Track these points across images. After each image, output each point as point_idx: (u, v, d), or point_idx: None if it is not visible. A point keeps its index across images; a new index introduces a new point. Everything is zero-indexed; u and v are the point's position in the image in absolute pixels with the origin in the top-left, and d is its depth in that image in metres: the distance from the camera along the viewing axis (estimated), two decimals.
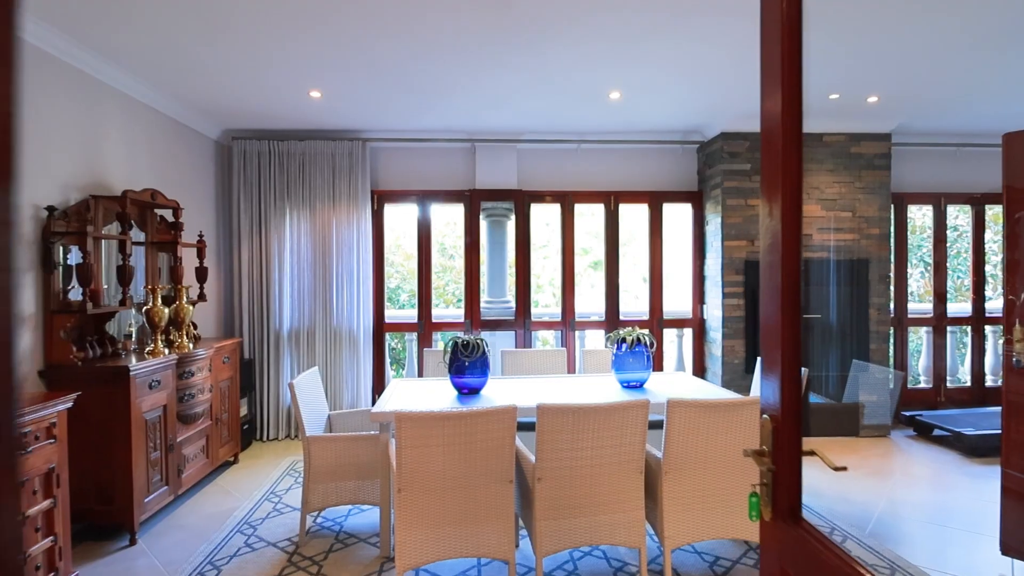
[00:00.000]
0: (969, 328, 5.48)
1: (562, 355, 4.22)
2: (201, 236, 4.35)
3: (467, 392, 3.20)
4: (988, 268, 5.55)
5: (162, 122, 4.22)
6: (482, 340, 3.19)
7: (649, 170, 5.37)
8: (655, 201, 5.27)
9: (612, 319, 5.26)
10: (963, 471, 4.04)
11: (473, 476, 2.34)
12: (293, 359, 4.98)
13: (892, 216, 5.05)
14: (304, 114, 4.53)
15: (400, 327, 5.31)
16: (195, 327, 4.26)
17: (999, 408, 5.14)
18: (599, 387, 3.38)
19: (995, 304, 5.55)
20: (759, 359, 3.72)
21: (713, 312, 5.03)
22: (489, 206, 5.21)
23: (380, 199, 5.14)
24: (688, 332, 5.38)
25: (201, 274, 4.34)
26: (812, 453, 1.07)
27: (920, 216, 6.87)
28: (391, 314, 5.57)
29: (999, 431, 4.41)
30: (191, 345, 3.80)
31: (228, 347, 4.20)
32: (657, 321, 5.28)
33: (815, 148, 4.87)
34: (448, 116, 4.63)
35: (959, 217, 6.32)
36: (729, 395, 3.12)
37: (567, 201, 5.23)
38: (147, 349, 3.49)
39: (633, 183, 5.34)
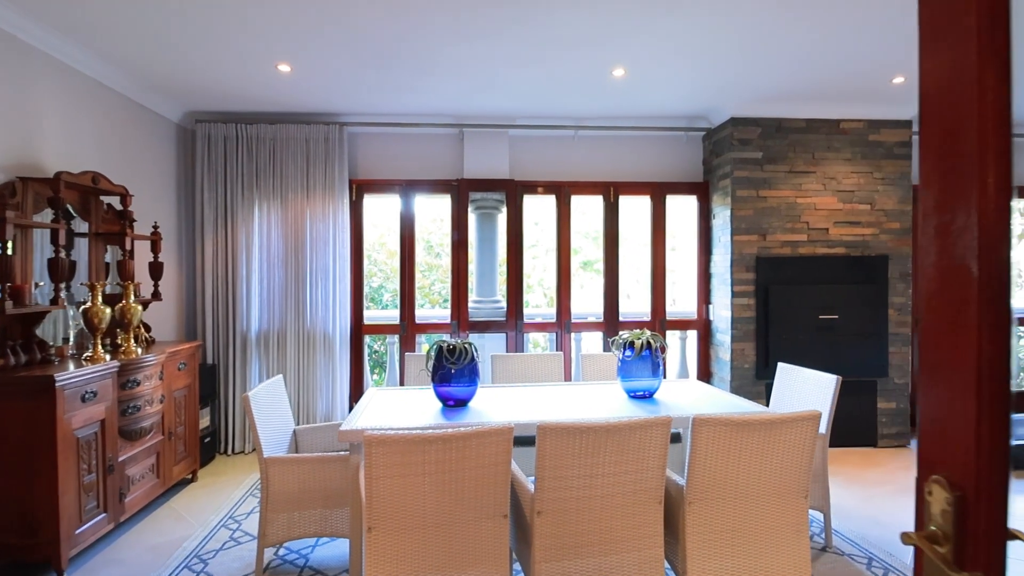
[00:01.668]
0: None
1: (558, 360, 3.81)
2: (156, 228, 3.89)
3: (453, 404, 2.78)
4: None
5: (112, 99, 3.75)
6: (471, 344, 2.77)
7: (651, 159, 4.98)
8: (658, 193, 4.89)
9: (611, 320, 4.86)
10: None
11: (460, 511, 1.92)
12: (262, 364, 4.52)
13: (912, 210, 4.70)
14: (274, 93, 4.09)
15: (381, 329, 4.88)
16: (147, 329, 3.80)
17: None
18: (603, 397, 2.98)
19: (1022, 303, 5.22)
20: (780, 366, 3.33)
21: (721, 313, 4.65)
22: (478, 197, 4.79)
23: (359, 189, 4.70)
24: (692, 334, 5.00)
25: (155, 270, 3.88)
26: (1016, 537, 0.67)
27: None
28: (371, 315, 5.14)
29: None
30: (139, 350, 3.34)
31: (185, 351, 3.74)
32: (659, 322, 4.89)
33: (831, 136, 4.51)
34: (433, 97, 4.20)
35: None
36: (752, 407, 2.73)
37: (563, 192, 4.82)
38: (85, 355, 3.03)
39: (634, 173, 4.95)
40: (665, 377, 3.17)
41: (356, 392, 4.72)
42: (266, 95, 4.12)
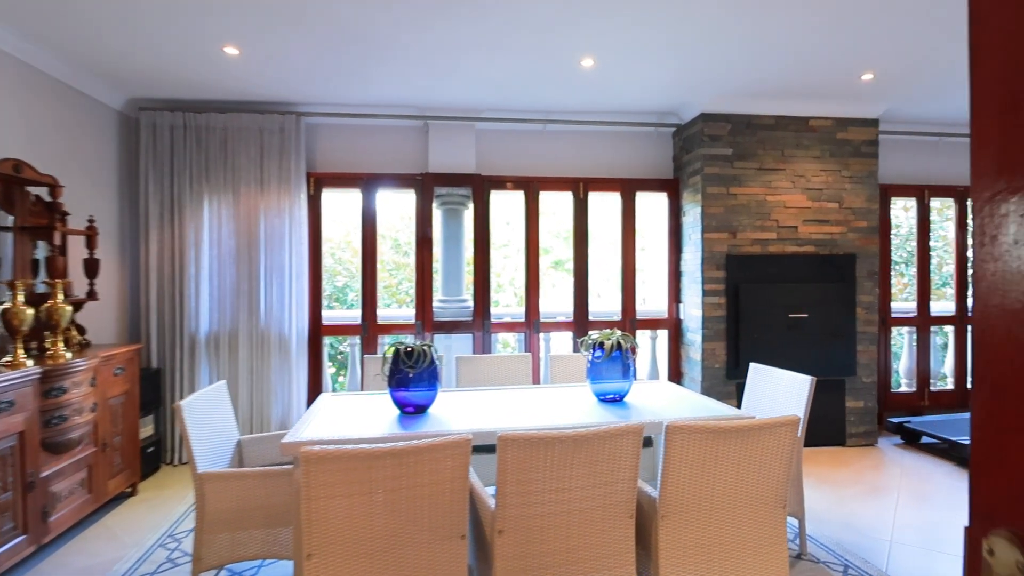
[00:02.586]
0: (952, 328, 5.20)
1: (526, 361, 3.66)
2: (92, 221, 3.59)
3: (411, 411, 2.60)
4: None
5: (43, 84, 3.44)
6: (430, 346, 2.59)
7: (621, 156, 4.87)
8: (628, 189, 4.78)
9: (581, 320, 4.73)
10: (963, 485, 3.66)
11: (413, 532, 1.74)
12: (212, 367, 4.24)
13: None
14: (223, 79, 3.83)
15: (341, 330, 4.64)
16: (81, 332, 3.51)
17: None
18: (572, 401, 2.83)
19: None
20: (752, 366, 3.24)
21: (691, 312, 4.57)
22: (444, 192, 4.61)
23: (317, 183, 4.46)
24: (663, 334, 4.90)
25: (91, 267, 3.58)
26: None
27: (899, 209, 6.63)
28: (332, 315, 4.90)
29: None
30: (69, 354, 3.05)
31: (122, 355, 3.46)
32: (630, 322, 4.78)
33: (800, 133, 4.47)
34: (396, 86, 4.00)
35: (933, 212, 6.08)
36: (727, 410, 2.61)
37: (531, 188, 4.67)
38: (3, 360, 2.74)
39: (604, 169, 4.83)
40: (636, 378, 3.05)
41: (314, 397, 4.48)
42: (215, 81, 3.86)
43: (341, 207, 8.82)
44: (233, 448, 2.71)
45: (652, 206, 5.03)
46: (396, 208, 9.78)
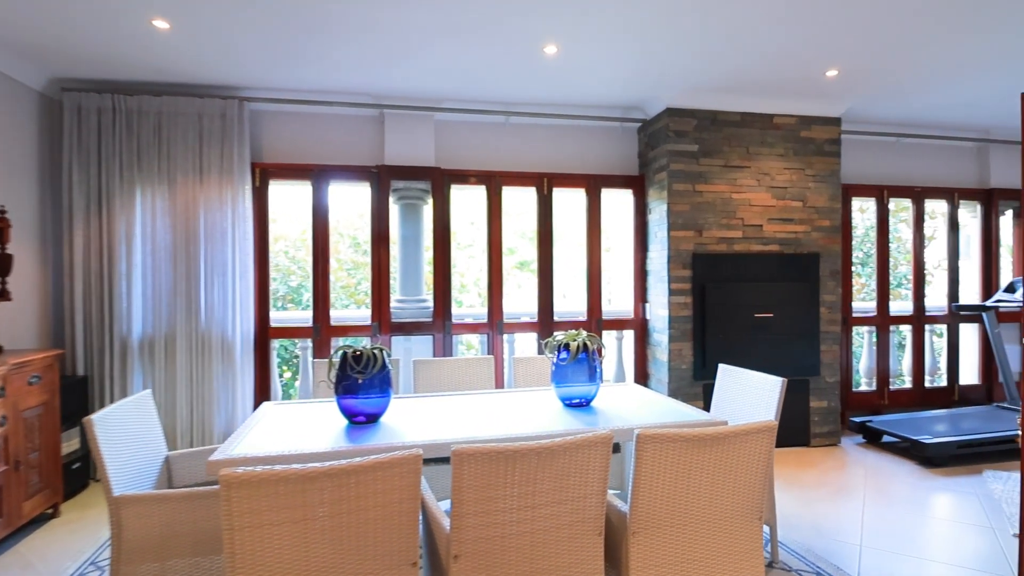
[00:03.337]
0: (909, 327, 5.26)
1: (489, 364, 3.47)
2: (3, 212, 3.23)
3: (362, 420, 2.37)
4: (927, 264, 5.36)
5: None
6: (382, 350, 2.38)
7: (586, 151, 4.73)
8: (593, 186, 4.64)
9: (546, 320, 4.57)
10: (929, 485, 3.67)
11: (356, 563, 1.53)
12: (146, 374, 3.90)
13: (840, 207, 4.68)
14: (155, 57, 3.50)
15: (291, 332, 4.35)
16: None
17: (944, 411, 4.93)
18: (536, 407, 2.66)
19: (934, 302, 5.38)
20: (720, 367, 3.15)
21: (658, 312, 4.46)
22: (401, 186, 4.37)
23: (263, 174, 4.16)
24: (629, 334, 4.79)
25: (3, 264, 3.22)
26: None
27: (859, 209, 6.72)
28: (281, 316, 4.60)
29: (956, 438, 4.12)
30: None
31: (39, 362, 3.11)
32: (596, 322, 4.65)
33: (765, 131, 4.42)
34: (349, 71, 3.75)
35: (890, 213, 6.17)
36: (698, 414, 2.48)
37: (494, 183, 4.48)
38: None
39: (569, 165, 4.69)
40: (602, 381, 2.90)
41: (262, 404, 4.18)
42: (146, 59, 3.53)
43: (295, 203, 8.45)
44: (160, 466, 2.43)
45: (617, 204, 4.92)
46: (354, 205, 9.45)
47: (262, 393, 4.21)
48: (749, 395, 2.81)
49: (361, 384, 2.34)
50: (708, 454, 1.79)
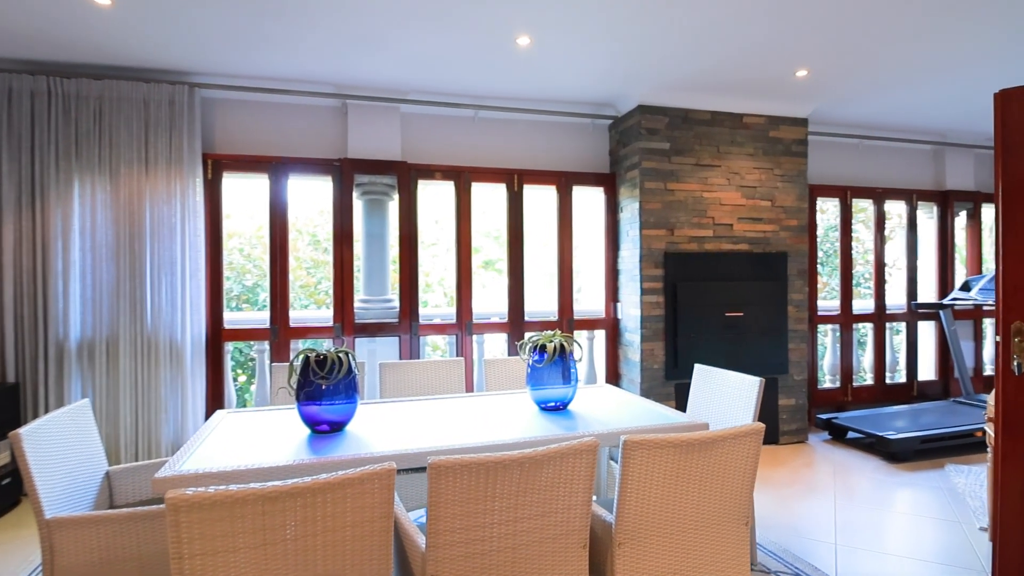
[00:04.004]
0: (871, 325, 5.37)
1: (459, 366, 3.33)
2: None
3: (325, 429, 2.21)
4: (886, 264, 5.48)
5: None
6: (347, 353, 2.22)
7: (557, 148, 4.64)
8: (564, 183, 4.56)
9: (516, 320, 4.46)
10: (896, 481, 3.71)
11: None
12: (85, 380, 3.60)
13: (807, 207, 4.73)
14: (95, 37, 3.23)
15: (247, 334, 4.10)
16: None
17: (904, 407, 5.05)
18: (510, 411, 2.54)
19: (894, 300, 5.51)
20: (697, 367, 3.11)
21: (630, 311, 4.41)
22: (366, 181, 4.18)
23: (216, 166, 3.91)
24: (600, 334, 4.72)
25: None
26: None
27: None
28: (238, 317, 4.34)
29: (918, 433, 4.20)
30: None
31: None
32: (567, 322, 4.56)
33: (735, 130, 4.42)
34: (310, 56, 3.55)
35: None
36: (677, 416, 2.41)
37: (463, 178, 4.34)
38: None
39: (539, 161, 4.58)
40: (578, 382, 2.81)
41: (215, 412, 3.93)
42: (85, 38, 3.25)
43: (251, 198, 8.09)
44: (99, 482, 2.21)
45: (587, 202, 4.84)
46: (314, 200, 9.14)
47: (215, 400, 3.96)
48: (726, 395, 2.76)
49: (325, 390, 2.17)
50: (697, 459, 1.70)
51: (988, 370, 5.75)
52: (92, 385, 3.60)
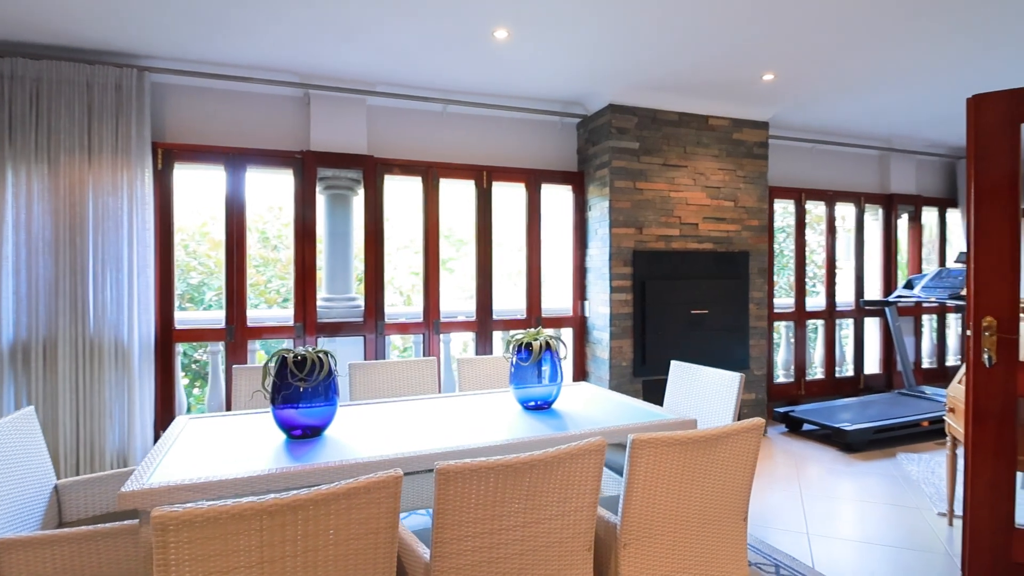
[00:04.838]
0: (822, 322, 5.60)
1: (431, 366, 3.24)
2: None
3: (303, 434, 2.08)
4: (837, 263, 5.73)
5: None
6: (327, 353, 2.10)
7: (526, 145, 4.60)
8: (533, 181, 4.52)
9: (484, 319, 4.39)
10: (854, 470, 3.87)
11: None
12: (20, 386, 3.29)
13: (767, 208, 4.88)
14: (33, 13, 2.94)
15: (200, 335, 3.86)
16: None
17: (854, 399, 5.28)
18: (493, 411, 2.48)
19: (844, 298, 5.77)
20: (673, 364, 3.12)
21: (598, 309, 4.42)
22: (329, 175, 4.01)
23: (167, 156, 3.66)
24: (567, 332, 4.72)
25: None
26: None
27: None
28: (187, 317, 4.07)
29: (871, 424, 4.40)
30: None
31: None
32: (536, 320, 4.53)
33: (701, 131, 4.51)
34: (270, 43, 3.36)
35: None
36: (665, 414, 2.41)
37: (431, 174, 4.23)
38: None
39: (508, 159, 4.53)
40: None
41: (165, 419, 3.67)
42: (21, 15, 2.96)
43: (196, 191, 7.65)
44: (47, 498, 2.00)
45: (554, 200, 4.83)
46: (264, 197, 8.75)
47: (164, 405, 3.70)
48: (706, 391, 2.79)
49: (303, 393, 2.04)
50: (703, 456, 1.69)
51: (927, 363, 6.11)
52: (27, 391, 3.28)
